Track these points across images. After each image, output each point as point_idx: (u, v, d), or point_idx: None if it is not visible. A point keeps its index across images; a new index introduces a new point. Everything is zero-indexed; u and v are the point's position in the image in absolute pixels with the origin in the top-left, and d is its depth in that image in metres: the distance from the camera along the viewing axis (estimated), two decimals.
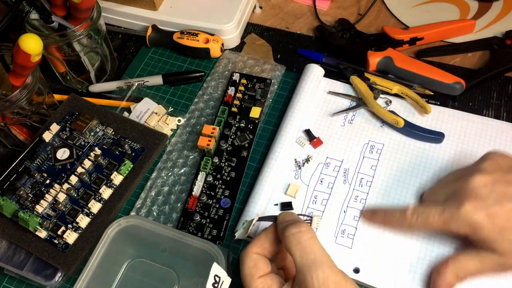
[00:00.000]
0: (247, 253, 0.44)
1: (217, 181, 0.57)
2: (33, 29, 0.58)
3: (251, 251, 0.44)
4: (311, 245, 0.41)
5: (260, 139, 0.60)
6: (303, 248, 0.41)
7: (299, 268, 0.41)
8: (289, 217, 0.45)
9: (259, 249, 0.45)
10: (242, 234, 0.49)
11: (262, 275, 0.43)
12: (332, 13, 0.72)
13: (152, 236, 0.50)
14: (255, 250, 0.45)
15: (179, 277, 0.51)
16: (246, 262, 0.44)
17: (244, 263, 0.44)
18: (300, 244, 0.41)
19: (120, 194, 0.55)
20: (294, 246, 0.41)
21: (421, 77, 0.60)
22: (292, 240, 0.42)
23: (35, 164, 0.58)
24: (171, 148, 0.60)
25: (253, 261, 0.44)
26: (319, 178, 0.56)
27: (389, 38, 0.65)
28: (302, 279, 0.40)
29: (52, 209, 0.55)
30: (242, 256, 0.44)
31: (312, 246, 0.41)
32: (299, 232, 0.42)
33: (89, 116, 0.59)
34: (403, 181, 0.55)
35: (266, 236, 0.45)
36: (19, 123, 0.60)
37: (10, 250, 0.53)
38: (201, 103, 0.64)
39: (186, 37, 0.67)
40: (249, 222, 0.48)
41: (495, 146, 0.57)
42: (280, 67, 0.66)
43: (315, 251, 0.41)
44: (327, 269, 0.40)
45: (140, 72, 0.68)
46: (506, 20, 0.68)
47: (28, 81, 0.55)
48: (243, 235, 0.49)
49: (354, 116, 0.61)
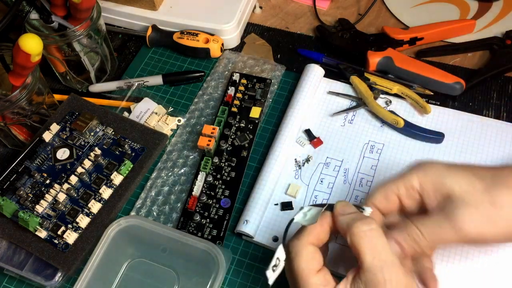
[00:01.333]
0: (303, 244, 0.40)
1: (217, 181, 0.57)
2: (33, 29, 0.58)
3: (307, 242, 0.40)
4: (383, 245, 0.38)
5: (260, 139, 0.60)
6: (375, 247, 0.38)
7: (368, 267, 0.37)
8: (350, 208, 0.41)
9: (315, 240, 0.40)
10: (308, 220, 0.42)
11: (320, 270, 0.40)
12: (332, 13, 0.72)
13: (152, 236, 0.50)
14: (311, 241, 0.40)
15: (179, 277, 0.51)
16: (303, 254, 0.39)
17: (301, 256, 0.39)
18: (371, 242, 0.38)
19: (120, 194, 0.55)
20: (365, 244, 0.38)
21: (421, 77, 0.60)
22: (364, 237, 0.38)
23: (35, 164, 0.58)
24: (171, 148, 0.60)
25: (311, 253, 0.40)
26: (319, 178, 0.56)
27: (389, 38, 0.65)
28: (371, 279, 0.37)
29: (52, 209, 0.55)
30: (297, 248, 0.40)
31: (384, 246, 0.38)
32: (370, 230, 0.39)
33: (89, 116, 0.59)
34: None
35: (321, 225, 0.41)
36: (19, 123, 0.60)
37: (10, 250, 0.53)
38: (201, 103, 0.64)
39: (186, 37, 0.67)
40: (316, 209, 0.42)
41: (495, 146, 0.57)
42: (280, 67, 0.66)
43: (387, 252, 0.38)
44: (399, 271, 0.38)
45: (140, 72, 0.68)
46: (506, 20, 0.68)
47: (28, 81, 0.55)
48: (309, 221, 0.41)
49: (354, 116, 0.61)
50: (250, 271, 0.52)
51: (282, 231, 0.52)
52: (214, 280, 0.47)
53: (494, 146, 0.57)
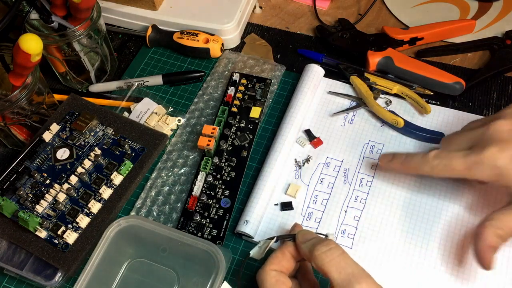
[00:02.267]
0: (265, 271, 0.44)
1: (217, 181, 0.57)
2: (33, 29, 0.58)
3: (268, 269, 0.44)
4: (345, 260, 0.41)
5: (260, 139, 0.60)
6: (338, 263, 0.40)
7: (338, 283, 0.40)
8: (310, 235, 0.44)
9: (277, 267, 0.44)
10: (258, 254, 0.48)
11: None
12: (332, 13, 0.72)
13: (152, 236, 0.50)
14: (273, 268, 0.44)
15: (179, 277, 0.51)
16: (267, 279, 0.43)
17: (265, 281, 0.43)
18: (334, 260, 0.41)
19: (120, 194, 0.55)
20: (328, 263, 0.41)
21: (421, 77, 0.60)
22: (325, 258, 0.41)
23: (35, 164, 0.58)
24: (171, 148, 0.60)
25: (274, 277, 0.43)
26: (319, 178, 0.56)
27: (389, 38, 0.65)
28: None
29: (52, 209, 0.55)
30: (261, 275, 0.44)
31: (347, 260, 0.41)
32: (329, 250, 0.41)
33: (89, 116, 0.59)
34: (403, 181, 0.55)
35: (283, 253, 0.45)
36: (19, 123, 0.60)
37: (10, 250, 0.53)
38: (201, 103, 0.64)
39: (186, 37, 0.67)
40: (267, 242, 0.47)
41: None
42: (280, 67, 0.66)
43: (351, 265, 0.41)
44: (368, 280, 0.40)
45: (140, 72, 0.68)
46: (506, 20, 0.68)
47: (28, 81, 0.55)
48: (259, 255, 0.48)
49: (354, 116, 0.61)
50: (250, 271, 0.52)
51: (282, 231, 0.53)
52: (214, 280, 0.47)
53: None
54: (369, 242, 0.51)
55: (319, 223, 0.53)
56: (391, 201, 0.54)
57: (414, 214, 0.53)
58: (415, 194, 0.54)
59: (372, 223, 0.53)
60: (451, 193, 0.54)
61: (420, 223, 0.52)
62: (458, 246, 0.50)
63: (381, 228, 0.52)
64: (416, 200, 0.54)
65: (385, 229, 0.52)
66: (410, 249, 0.51)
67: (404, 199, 0.54)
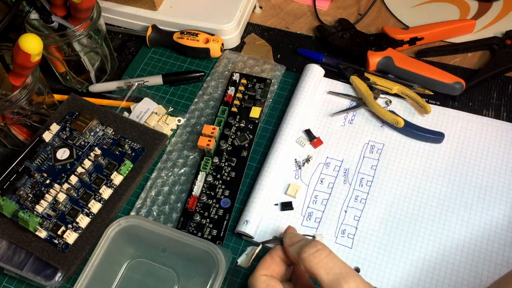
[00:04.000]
0: (255, 276, 0.44)
1: (217, 181, 0.57)
2: (33, 29, 0.58)
3: (258, 274, 0.44)
4: (333, 260, 0.41)
5: (260, 139, 0.60)
6: (326, 264, 0.41)
7: (327, 283, 0.40)
8: (297, 238, 0.45)
9: (266, 271, 0.45)
10: (245, 262, 0.49)
11: None
12: (332, 13, 0.72)
13: (152, 236, 0.50)
14: (263, 273, 0.44)
15: (179, 277, 0.51)
16: (257, 284, 0.44)
17: (256, 286, 0.44)
18: (322, 261, 0.41)
19: (120, 194, 0.55)
20: (316, 265, 0.41)
21: (421, 77, 0.60)
22: (313, 259, 0.42)
23: (35, 164, 0.58)
24: (171, 148, 0.60)
25: (264, 282, 0.44)
26: (319, 178, 0.56)
27: (389, 38, 0.65)
28: None
29: (52, 209, 0.55)
30: (251, 281, 0.44)
31: (334, 260, 0.41)
32: (317, 251, 0.42)
33: (89, 116, 0.59)
34: (403, 181, 0.55)
35: (271, 258, 0.45)
36: (19, 123, 0.60)
37: (10, 250, 0.53)
38: (201, 103, 0.64)
39: (186, 37, 0.67)
40: (254, 249, 0.48)
41: (495, 146, 0.57)
42: (280, 67, 0.66)
43: (339, 265, 0.41)
44: (356, 278, 0.40)
45: (140, 72, 0.68)
46: (506, 20, 0.68)
47: (28, 81, 0.55)
48: (246, 263, 0.49)
49: (354, 116, 0.61)
50: (250, 271, 0.51)
51: (282, 231, 0.53)
52: (214, 280, 0.47)
53: (494, 146, 0.57)
54: (369, 242, 0.51)
55: (319, 223, 0.53)
56: (391, 201, 0.54)
57: (414, 213, 0.53)
58: (415, 194, 0.54)
59: (372, 223, 0.53)
60: (451, 193, 0.54)
61: (420, 223, 0.52)
62: (458, 246, 0.50)
63: (381, 228, 0.52)
64: (416, 200, 0.54)
65: (385, 229, 0.52)
66: (410, 249, 0.51)
67: (404, 199, 0.54)
